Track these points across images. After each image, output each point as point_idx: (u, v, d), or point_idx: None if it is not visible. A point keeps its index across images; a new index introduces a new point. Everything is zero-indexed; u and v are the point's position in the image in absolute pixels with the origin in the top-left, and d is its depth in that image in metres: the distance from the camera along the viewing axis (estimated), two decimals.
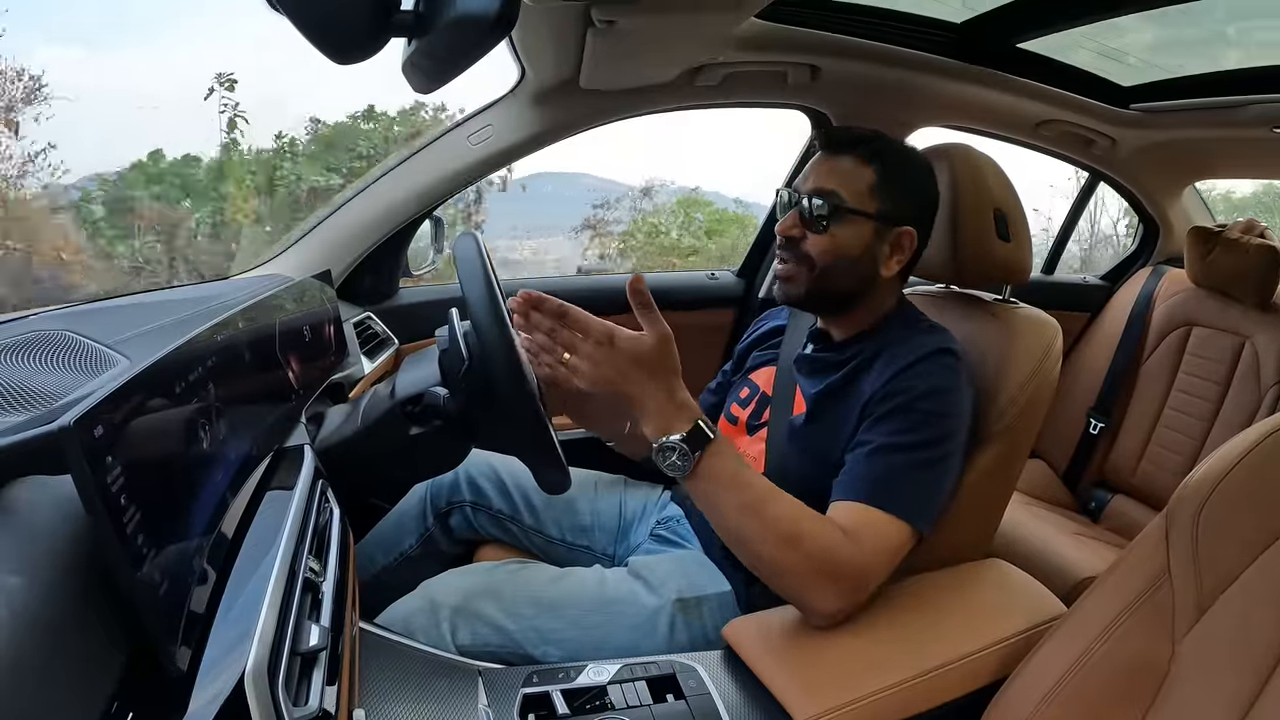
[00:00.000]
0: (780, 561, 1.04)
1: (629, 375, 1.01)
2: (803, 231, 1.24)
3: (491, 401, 1.09)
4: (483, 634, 1.14)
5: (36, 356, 0.87)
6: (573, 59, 1.54)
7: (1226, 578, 0.83)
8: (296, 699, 0.58)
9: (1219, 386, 2.26)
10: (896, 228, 1.25)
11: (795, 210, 1.24)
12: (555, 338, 1.01)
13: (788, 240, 1.25)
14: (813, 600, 1.06)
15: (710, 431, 1.03)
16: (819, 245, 1.23)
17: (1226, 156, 2.44)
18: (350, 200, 1.81)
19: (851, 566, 1.05)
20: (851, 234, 1.23)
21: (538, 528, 1.46)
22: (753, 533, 1.04)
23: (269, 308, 1.00)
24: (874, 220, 1.23)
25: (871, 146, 1.26)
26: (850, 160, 1.24)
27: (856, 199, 1.22)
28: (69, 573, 0.53)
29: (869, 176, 1.23)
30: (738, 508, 1.04)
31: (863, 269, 1.26)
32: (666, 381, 1.02)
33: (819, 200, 1.22)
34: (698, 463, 1.02)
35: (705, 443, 1.02)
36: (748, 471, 1.06)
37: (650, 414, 1.03)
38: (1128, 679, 0.87)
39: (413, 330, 1.89)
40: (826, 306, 1.31)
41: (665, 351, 1.02)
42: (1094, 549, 2.02)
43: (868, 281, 1.27)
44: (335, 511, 0.90)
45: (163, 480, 0.59)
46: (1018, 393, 1.25)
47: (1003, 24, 1.74)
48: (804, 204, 1.23)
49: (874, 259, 1.26)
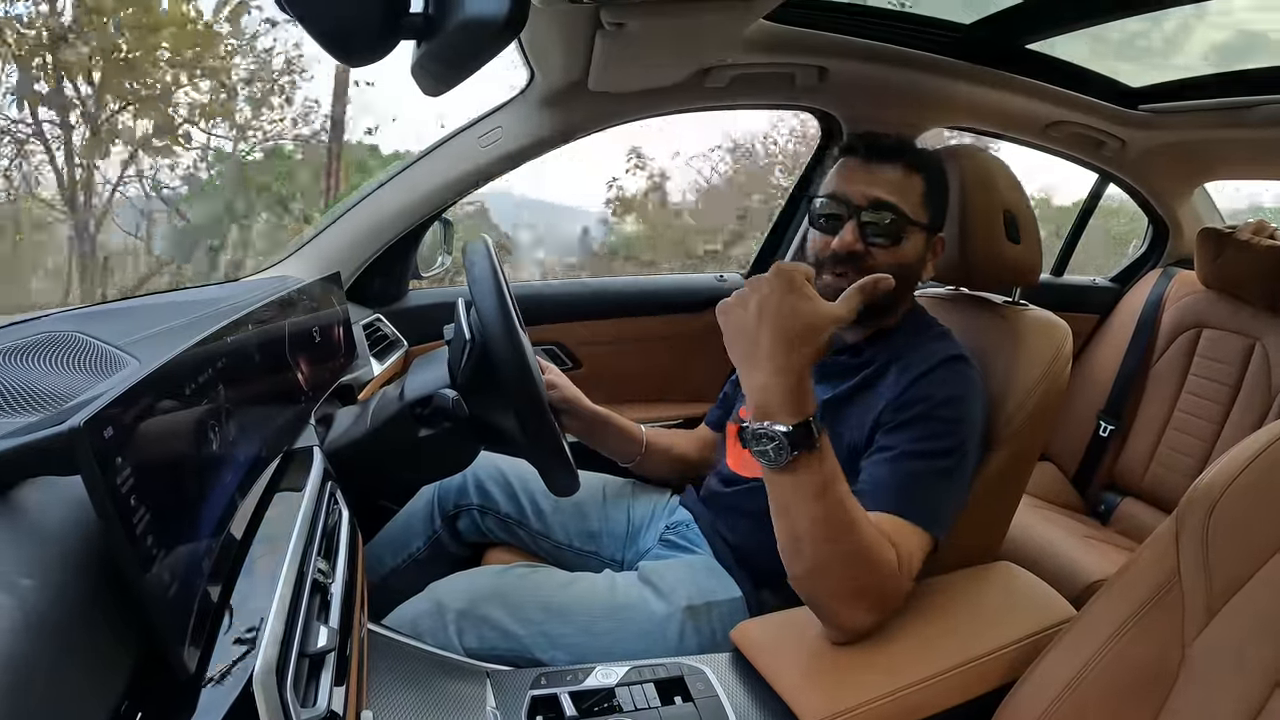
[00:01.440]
0: (832, 580, 1.01)
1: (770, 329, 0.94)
2: (866, 246, 1.21)
3: (500, 404, 1.09)
4: (490, 638, 1.14)
5: (47, 358, 0.88)
6: (582, 61, 1.54)
7: (1237, 581, 0.83)
8: (305, 700, 0.58)
9: (1229, 389, 2.25)
10: (936, 235, 1.25)
11: (854, 223, 1.21)
12: None
13: (851, 255, 1.21)
14: (843, 618, 1.03)
15: (817, 431, 0.94)
16: (887, 259, 1.20)
17: (1236, 157, 2.43)
18: (360, 202, 1.82)
19: (894, 588, 1.03)
20: (912, 246, 1.23)
21: (545, 532, 1.46)
22: (816, 545, 0.98)
23: (279, 309, 1.01)
24: (925, 230, 1.23)
25: (914, 154, 1.25)
26: (899, 169, 1.23)
27: (915, 211, 1.22)
28: (79, 574, 0.53)
29: (919, 186, 1.23)
30: (813, 519, 0.96)
31: (915, 278, 1.26)
32: (793, 357, 0.94)
33: (884, 213, 1.20)
34: (792, 462, 0.94)
35: (808, 445, 0.94)
36: (836, 483, 0.97)
37: (761, 386, 0.95)
38: (1137, 682, 0.87)
39: (422, 332, 1.89)
40: (878, 315, 1.28)
41: (827, 334, 0.95)
42: (1104, 552, 2.01)
43: (911, 290, 1.27)
44: (344, 513, 0.90)
45: (172, 482, 0.59)
46: (1027, 395, 1.25)
47: (1011, 25, 1.74)
48: (866, 217, 1.20)
49: (921, 268, 1.26)
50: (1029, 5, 1.65)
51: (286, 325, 1.02)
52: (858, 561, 0.98)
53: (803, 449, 0.93)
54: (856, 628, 1.04)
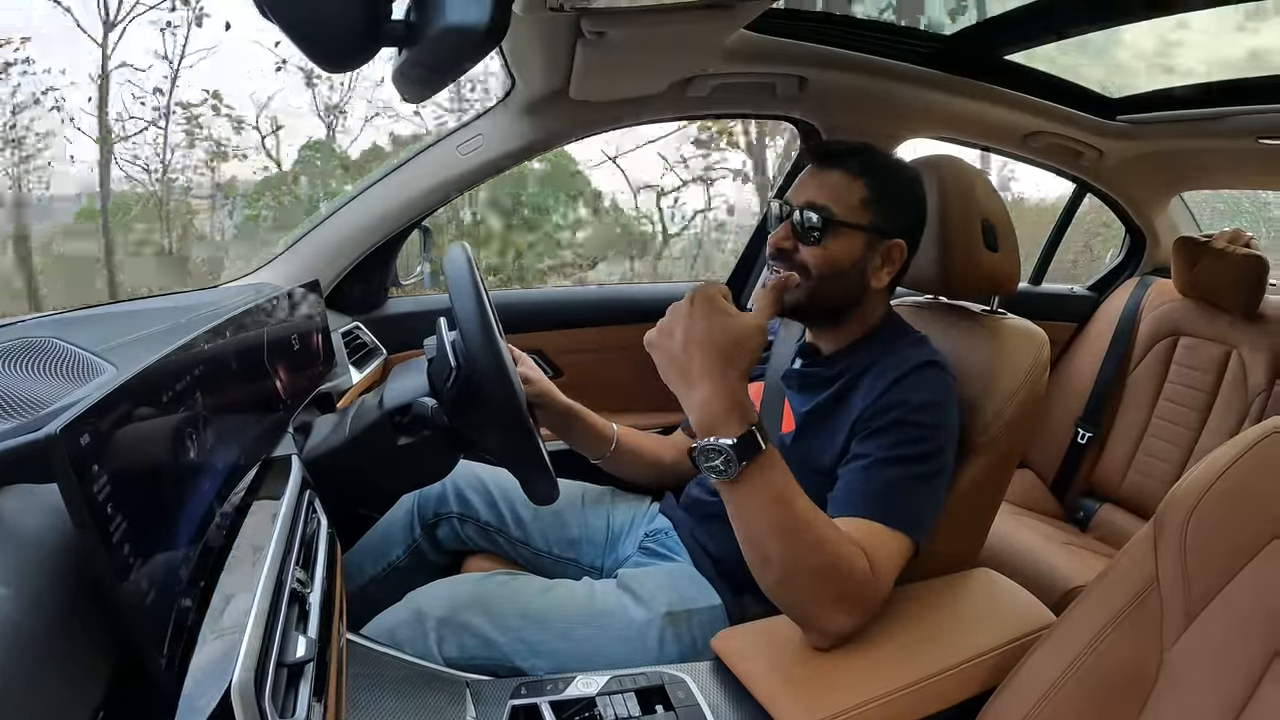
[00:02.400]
0: (803, 587, 1.01)
1: (697, 349, 0.96)
2: (795, 244, 1.24)
3: (480, 412, 1.09)
4: (470, 646, 1.14)
5: (23, 364, 0.87)
6: (563, 70, 1.54)
7: (1215, 585, 0.83)
8: (283, 710, 0.58)
9: (1206, 396, 2.27)
10: (887, 240, 1.26)
11: (787, 222, 1.25)
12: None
13: (780, 251, 1.25)
14: (823, 623, 1.04)
15: (763, 441, 0.95)
16: (812, 256, 1.23)
17: (1213, 167, 2.46)
18: (339, 210, 1.81)
19: (871, 592, 1.03)
20: (843, 246, 1.23)
21: (525, 540, 1.46)
22: (781, 554, 0.98)
23: (257, 317, 1.00)
24: (865, 233, 1.24)
25: (862, 159, 1.26)
26: (841, 174, 1.25)
27: (848, 212, 1.23)
28: (55, 582, 0.53)
29: (860, 190, 1.24)
30: (772, 526, 0.97)
31: (853, 280, 1.26)
32: (729, 372, 0.95)
33: (811, 213, 1.22)
34: (742, 473, 0.94)
35: (756, 453, 0.94)
36: (791, 489, 0.98)
37: (700, 404, 0.96)
38: (1117, 687, 0.87)
39: (401, 340, 1.88)
40: (818, 316, 1.31)
41: (753, 347, 0.98)
42: (1082, 558, 2.03)
43: (858, 292, 1.28)
44: (323, 522, 0.90)
45: (150, 489, 0.59)
46: (1005, 403, 1.26)
47: (989, 36, 1.75)
48: (796, 216, 1.23)
49: (864, 271, 1.26)
50: (1007, 17, 1.67)
51: (265, 332, 1.02)
52: (825, 567, 0.99)
53: (751, 457, 0.94)
54: (836, 632, 1.04)
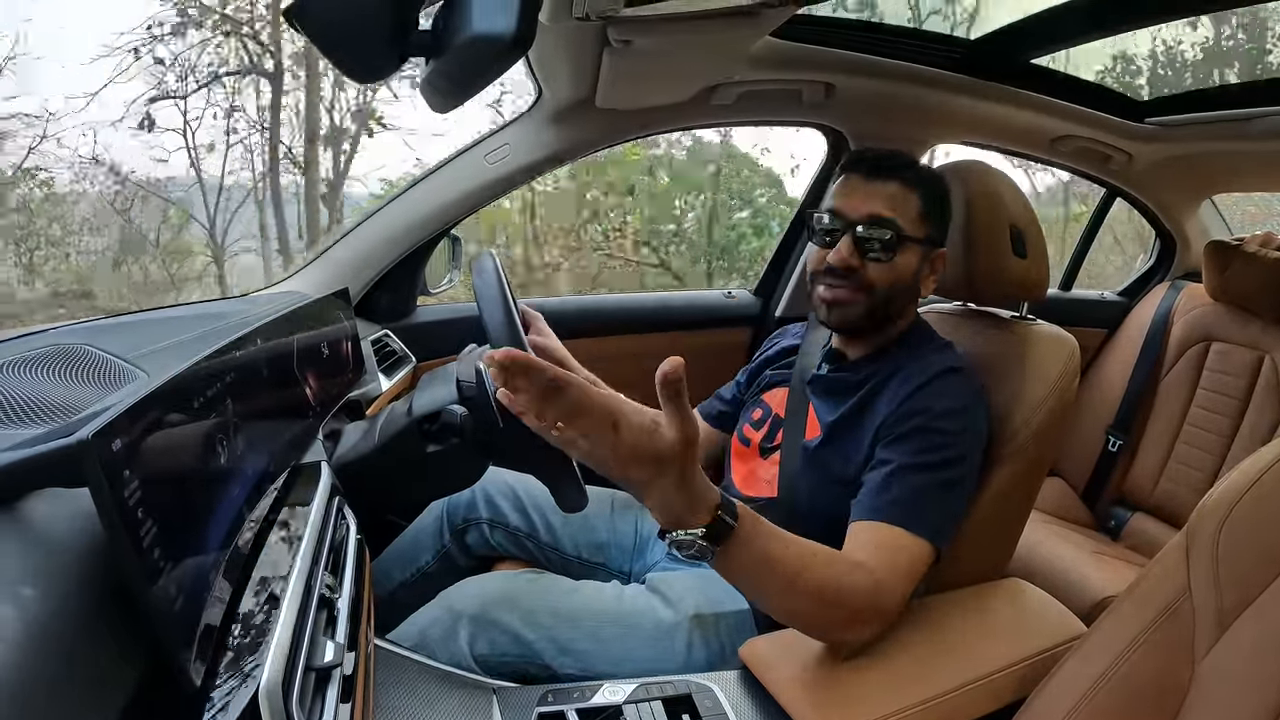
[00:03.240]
0: (812, 621, 1.02)
1: (633, 467, 0.82)
2: (861, 260, 1.23)
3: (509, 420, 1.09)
4: (501, 643, 1.14)
5: (56, 370, 0.88)
6: (589, 79, 1.55)
7: (1248, 595, 0.82)
8: (310, 715, 0.58)
9: (1239, 402, 2.24)
10: (936, 250, 1.26)
11: (850, 237, 1.23)
12: (544, 410, 0.77)
13: (848, 269, 1.23)
14: (838, 639, 1.06)
15: (731, 519, 0.88)
16: (882, 274, 1.23)
17: (1243, 170, 2.43)
18: (368, 219, 1.83)
19: (880, 606, 1.03)
20: (908, 261, 1.24)
21: (554, 544, 1.46)
22: (782, 605, 0.99)
23: (287, 324, 1.01)
24: (923, 245, 1.25)
25: (914, 171, 1.27)
26: (897, 185, 1.24)
27: (911, 226, 1.23)
28: (84, 585, 0.53)
29: (916, 202, 1.24)
30: (765, 587, 0.96)
31: (912, 292, 1.28)
32: (679, 474, 0.83)
33: (879, 229, 1.22)
34: (719, 553, 0.88)
35: (728, 534, 0.88)
36: (776, 547, 0.94)
37: (658, 506, 0.86)
38: (1148, 699, 0.86)
39: (430, 348, 1.89)
40: (873, 328, 1.30)
41: (682, 455, 0.82)
42: (1114, 568, 2.00)
43: (910, 302, 1.28)
44: (351, 528, 0.90)
45: (180, 495, 0.59)
46: (1034, 410, 1.25)
47: (1015, 40, 1.74)
48: (861, 232, 1.22)
49: (918, 282, 1.28)
50: (1032, 21, 1.66)
51: (295, 340, 1.03)
52: (829, 602, 0.99)
53: (724, 538, 0.88)
54: (852, 643, 1.06)
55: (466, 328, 1.96)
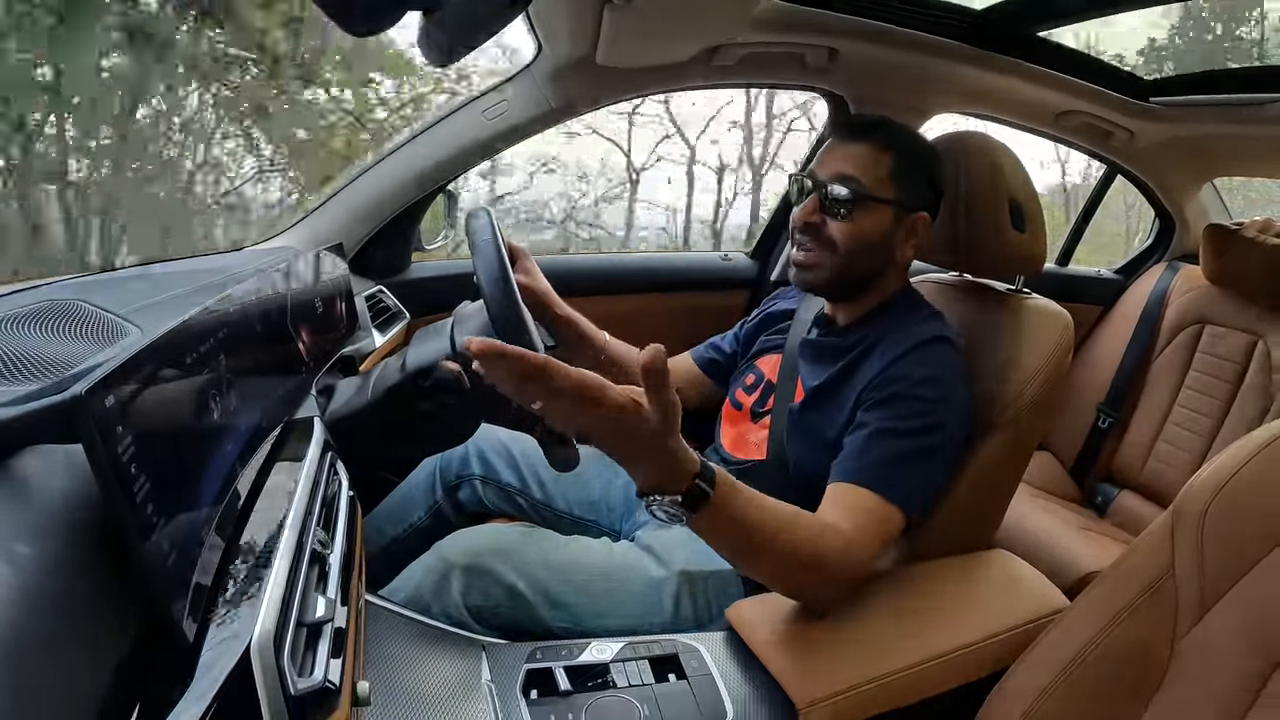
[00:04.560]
0: (783, 582, 1.07)
1: (612, 442, 0.85)
2: (823, 218, 1.25)
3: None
4: (495, 595, 1.15)
5: (48, 326, 0.88)
6: (589, 36, 1.53)
7: (1230, 578, 0.83)
8: (301, 670, 0.58)
9: (1230, 385, 2.25)
10: (913, 213, 1.26)
11: (815, 196, 1.25)
12: (523, 390, 0.76)
13: (808, 226, 1.26)
14: (810, 599, 1.09)
15: (709, 486, 0.90)
16: (842, 231, 1.24)
17: (1246, 154, 2.42)
18: (364, 174, 1.81)
19: (850, 567, 1.06)
20: (872, 220, 1.25)
21: (546, 501, 1.47)
22: (757, 566, 1.05)
23: (281, 280, 1.00)
24: (893, 206, 1.25)
25: (887, 132, 1.27)
26: (868, 146, 1.25)
27: (876, 185, 1.24)
28: (77, 543, 0.53)
29: (887, 163, 1.25)
30: (741, 548, 1.01)
31: (882, 254, 1.28)
32: (659, 450, 0.86)
33: (840, 187, 1.23)
34: (696, 517, 0.91)
35: (704, 500, 0.90)
36: (752, 512, 0.97)
37: (638, 472, 0.90)
38: (1128, 675, 0.87)
39: (424, 304, 1.88)
40: (845, 292, 1.32)
41: (660, 435, 0.84)
42: (1099, 544, 2.02)
43: (885, 266, 1.29)
44: (344, 483, 0.90)
45: (173, 451, 0.59)
46: (1027, 383, 1.25)
47: (1023, 12, 1.73)
48: (825, 191, 1.24)
49: (891, 244, 1.28)
50: None
51: (289, 295, 1.02)
52: (804, 563, 1.02)
53: (701, 503, 0.90)
54: (824, 603, 1.09)
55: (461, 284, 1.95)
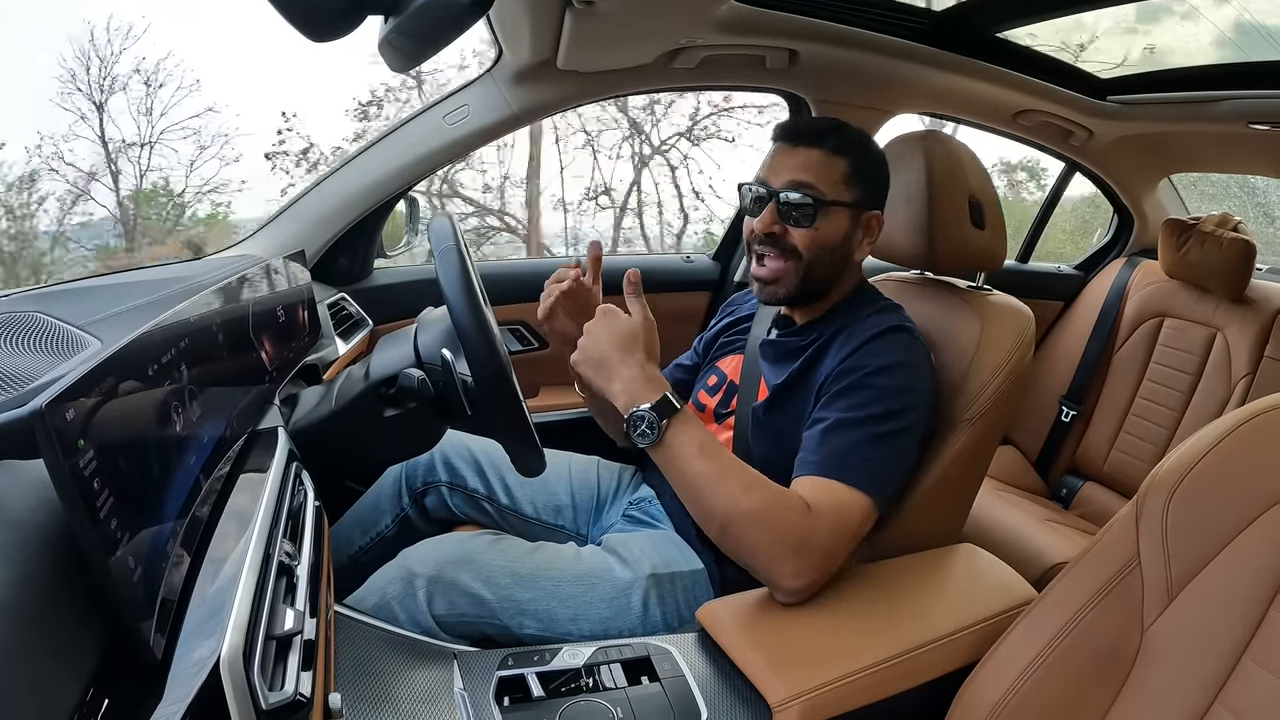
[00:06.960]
0: (745, 534, 1.06)
1: (608, 347, 1.12)
2: (784, 227, 1.24)
3: (468, 383, 1.08)
4: (459, 604, 1.15)
5: (7, 339, 0.86)
6: (551, 40, 1.53)
7: (1195, 565, 0.84)
8: (272, 684, 0.58)
9: (1190, 377, 2.29)
10: (868, 212, 1.27)
11: (773, 205, 1.25)
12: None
13: (768, 236, 1.25)
14: (778, 574, 1.08)
15: (677, 402, 1.09)
16: (804, 238, 1.24)
17: (1202, 150, 2.46)
18: (324, 180, 1.80)
19: (815, 540, 1.06)
20: (833, 224, 1.25)
21: (513, 507, 1.46)
22: (717, 503, 1.06)
23: (242, 288, 0.99)
24: (850, 209, 1.25)
25: (840, 137, 1.27)
26: (820, 152, 1.25)
27: (834, 190, 1.24)
28: (41, 558, 0.52)
29: (841, 166, 1.25)
30: (702, 477, 1.07)
31: (842, 256, 1.28)
32: (640, 357, 1.12)
33: (798, 195, 1.23)
34: (664, 431, 1.08)
35: (672, 412, 1.08)
36: (713, 443, 1.09)
37: (622, 388, 1.10)
38: (1098, 663, 0.88)
39: (387, 311, 1.87)
40: (807, 298, 1.32)
41: (646, 333, 1.14)
42: (1065, 535, 2.05)
43: (842, 267, 1.29)
44: (309, 494, 0.89)
45: (136, 463, 0.58)
46: (990, 379, 1.26)
47: (982, 13, 1.74)
48: (782, 199, 1.24)
49: (850, 245, 1.28)
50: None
51: (250, 304, 1.01)
52: (761, 508, 1.06)
53: (669, 416, 1.08)
54: (794, 586, 1.08)
55: (424, 290, 1.94)
